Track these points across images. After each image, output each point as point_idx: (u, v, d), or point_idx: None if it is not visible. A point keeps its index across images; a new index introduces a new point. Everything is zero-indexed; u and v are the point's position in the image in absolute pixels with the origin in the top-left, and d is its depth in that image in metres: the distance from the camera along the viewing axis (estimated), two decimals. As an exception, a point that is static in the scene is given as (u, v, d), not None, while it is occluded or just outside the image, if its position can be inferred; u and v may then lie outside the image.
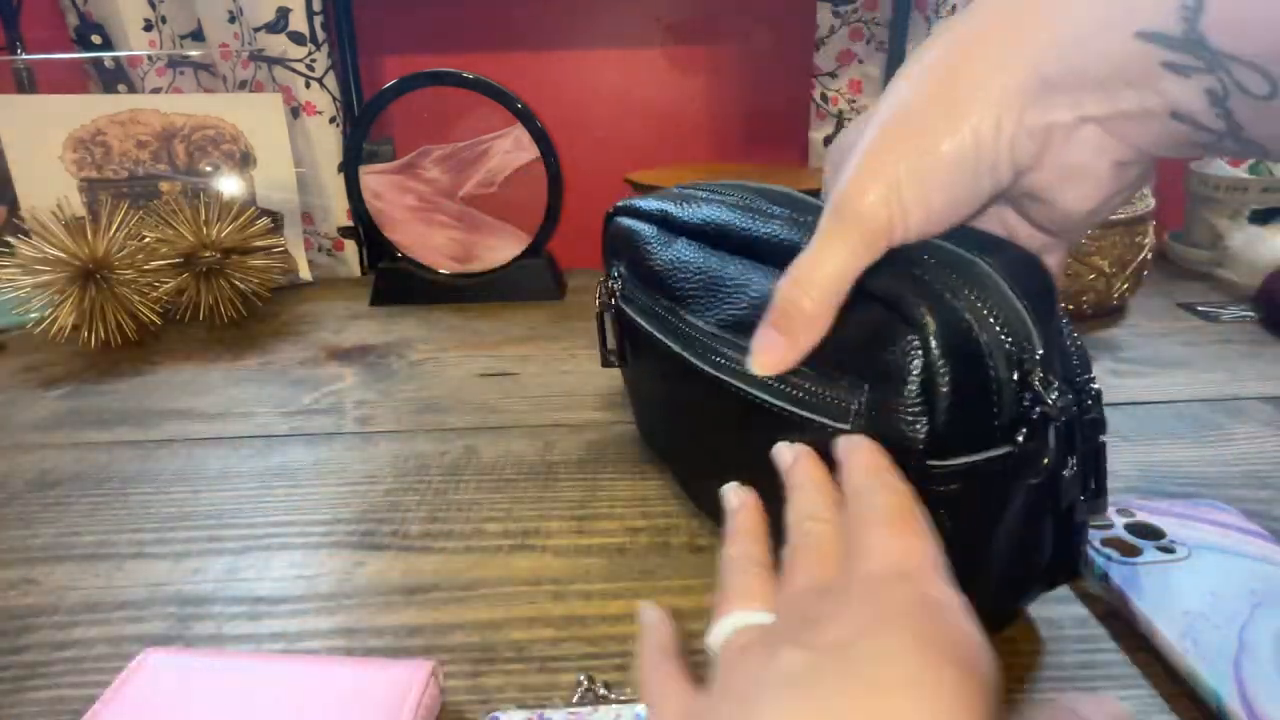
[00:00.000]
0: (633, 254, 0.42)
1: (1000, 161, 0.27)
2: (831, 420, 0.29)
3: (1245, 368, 0.60)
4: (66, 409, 0.59)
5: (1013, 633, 0.35)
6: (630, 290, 0.43)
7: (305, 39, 0.82)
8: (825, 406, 0.29)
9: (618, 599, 0.37)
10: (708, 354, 0.35)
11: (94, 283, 0.68)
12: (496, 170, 0.80)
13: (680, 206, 0.39)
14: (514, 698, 0.32)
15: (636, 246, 0.42)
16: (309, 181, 0.88)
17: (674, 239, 0.40)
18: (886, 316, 0.27)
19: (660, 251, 0.40)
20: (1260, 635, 0.32)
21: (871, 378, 0.28)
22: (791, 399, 0.30)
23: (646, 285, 0.41)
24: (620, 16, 0.94)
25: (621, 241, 0.44)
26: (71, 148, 0.79)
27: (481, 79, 0.75)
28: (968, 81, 0.27)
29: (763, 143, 0.99)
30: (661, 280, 0.39)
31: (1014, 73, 0.26)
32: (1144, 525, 0.39)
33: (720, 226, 0.36)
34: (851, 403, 0.28)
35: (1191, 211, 0.87)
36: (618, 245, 0.44)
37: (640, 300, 0.41)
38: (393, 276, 0.81)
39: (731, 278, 0.35)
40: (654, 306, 0.40)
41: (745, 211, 0.35)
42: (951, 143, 0.27)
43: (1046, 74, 0.26)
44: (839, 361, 0.29)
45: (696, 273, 0.37)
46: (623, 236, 0.44)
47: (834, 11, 0.88)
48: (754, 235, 0.34)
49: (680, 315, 0.38)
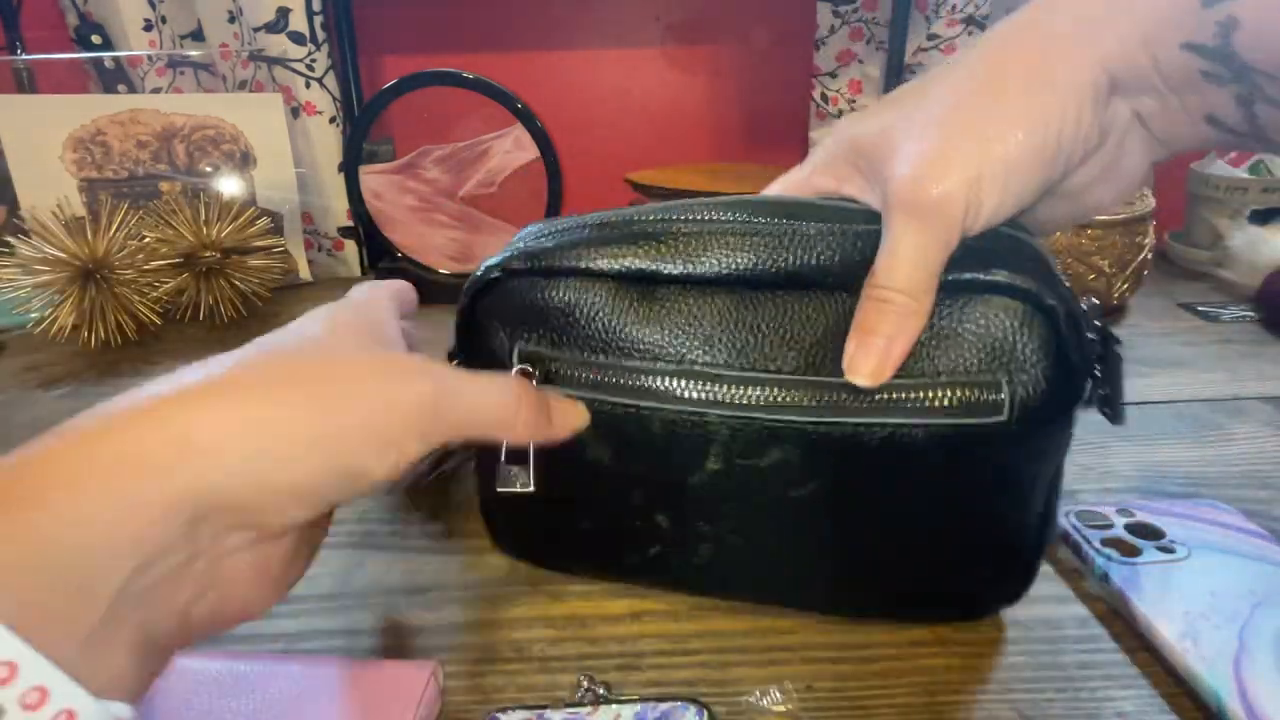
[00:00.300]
0: (577, 326, 0.31)
1: (1073, 154, 0.29)
2: (986, 418, 0.29)
3: (1245, 368, 0.60)
4: (66, 409, 0.58)
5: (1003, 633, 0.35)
6: (577, 372, 0.31)
7: (305, 39, 0.82)
8: (978, 407, 0.29)
9: (618, 599, 0.37)
10: (788, 408, 0.30)
11: (94, 283, 0.68)
12: (496, 170, 0.80)
13: (673, 259, 0.31)
14: (514, 698, 0.32)
15: (589, 316, 0.31)
16: (309, 181, 0.88)
17: (653, 292, 0.31)
18: (1010, 304, 0.29)
19: (641, 311, 0.31)
20: (1260, 635, 0.32)
21: (1010, 366, 0.29)
22: (944, 412, 0.29)
23: (620, 354, 0.31)
24: (620, 16, 0.94)
25: (546, 312, 0.32)
26: (71, 148, 0.79)
27: (481, 79, 0.75)
28: (1044, 77, 0.28)
29: (763, 143, 0.99)
30: (656, 345, 0.31)
31: (1089, 70, 0.28)
32: (1144, 525, 0.39)
33: (752, 269, 0.30)
34: (999, 394, 0.29)
35: (1192, 211, 0.87)
36: (529, 315, 0.32)
37: (604, 379, 0.31)
38: (393, 276, 0.81)
39: (792, 317, 0.30)
40: (638, 380, 0.31)
41: (773, 240, 0.30)
42: (1034, 134, 0.28)
43: (1115, 73, 0.28)
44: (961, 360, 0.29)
45: (720, 324, 0.31)
46: (555, 307, 0.32)
47: (834, 11, 0.88)
48: (802, 266, 0.30)
49: (705, 375, 0.30)
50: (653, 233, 0.31)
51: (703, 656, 0.34)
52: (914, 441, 0.29)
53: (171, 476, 0.20)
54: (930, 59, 0.86)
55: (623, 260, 0.31)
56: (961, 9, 0.83)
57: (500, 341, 0.32)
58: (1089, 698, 0.31)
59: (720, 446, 0.31)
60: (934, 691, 0.32)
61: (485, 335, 0.33)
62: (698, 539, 0.34)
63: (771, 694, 0.32)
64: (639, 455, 0.32)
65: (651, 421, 0.31)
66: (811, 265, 0.30)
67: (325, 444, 0.22)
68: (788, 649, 0.34)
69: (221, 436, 0.21)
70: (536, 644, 0.35)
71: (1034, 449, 0.31)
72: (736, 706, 0.31)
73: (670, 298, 0.31)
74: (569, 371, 0.31)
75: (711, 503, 0.33)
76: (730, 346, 0.30)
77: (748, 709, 0.31)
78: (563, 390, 0.32)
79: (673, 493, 0.33)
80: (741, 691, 0.32)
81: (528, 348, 0.32)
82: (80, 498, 0.19)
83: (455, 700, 0.32)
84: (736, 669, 0.33)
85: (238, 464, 0.21)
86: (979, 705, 0.31)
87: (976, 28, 0.84)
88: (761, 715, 0.31)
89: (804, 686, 0.32)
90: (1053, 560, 0.39)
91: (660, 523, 0.34)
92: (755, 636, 0.35)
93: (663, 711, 0.30)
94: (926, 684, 0.32)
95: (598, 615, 0.36)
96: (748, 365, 0.30)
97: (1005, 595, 0.34)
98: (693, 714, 0.30)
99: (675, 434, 0.31)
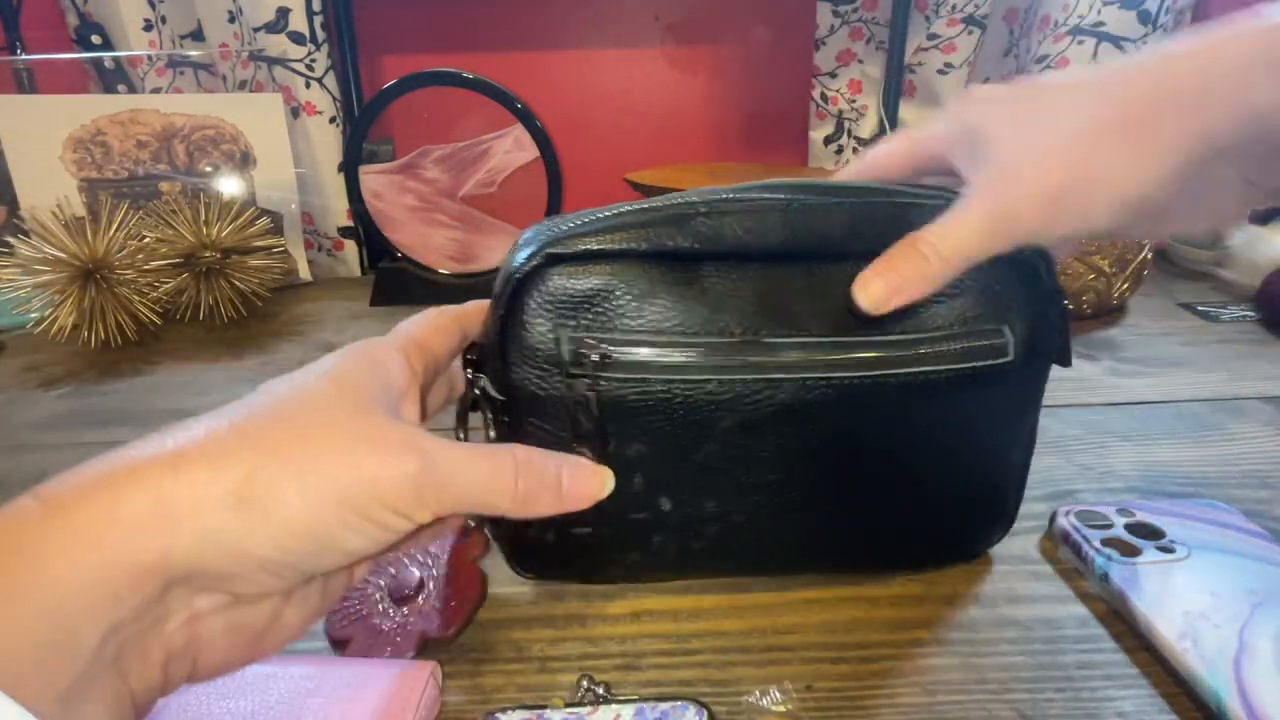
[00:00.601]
0: (621, 310, 0.32)
1: (1160, 209, 0.30)
2: (994, 359, 0.32)
3: (1245, 368, 0.60)
4: (66, 409, 0.59)
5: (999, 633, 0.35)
6: (625, 355, 0.31)
7: (305, 39, 0.82)
8: (986, 351, 0.32)
9: (617, 599, 0.37)
10: (833, 365, 0.32)
11: (94, 283, 0.68)
12: (496, 170, 0.80)
13: (710, 238, 0.31)
14: (514, 698, 0.32)
15: (633, 298, 0.32)
16: (309, 181, 0.88)
17: (694, 268, 0.32)
18: (1009, 258, 0.31)
19: (683, 289, 0.32)
20: (1260, 635, 0.32)
21: (1017, 311, 0.33)
22: (960, 356, 0.32)
23: (671, 332, 0.32)
24: (620, 16, 0.94)
25: (590, 298, 0.32)
26: (71, 148, 0.79)
27: (481, 79, 0.75)
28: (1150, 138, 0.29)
29: (763, 143, 0.99)
30: (707, 320, 0.32)
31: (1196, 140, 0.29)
32: (1144, 525, 0.39)
33: (784, 242, 0.32)
34: (1003, 338, 0.32)
35: (1192, 211, 0.86)
36: (571, 302, 0.32)
37: (660, 356, 0.31)
38: (393, 276, 0.81)
39: (810, 281, 0.32)
40: (696, 355, 0.31)
41: (802, 214, 0.32)
42: (1143, 178, 0.29)
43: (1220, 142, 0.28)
44: (970, 312, 0.32)
45: (760, 296, 0.32)
46: (597, 292, 0.32)
47: (834, 11, 0.88)
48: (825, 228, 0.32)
49: (762, 344, 0.32)
50: (685, 213, 0.32)
51: (703, 656, 0.34)
52: (934, 386, 0.32)
53: (147, 541, 0.20)
54: (930, 58, 0.86)
55: (663, 241, 0.31)
56: (961, 8, 0.83)
57: (544, 331, 0.32)
58: (1089, 698, 0.31)
59: (759, 412, 0.32)
60: (934, 691, 0.32)
61: (528, 326, 0.32)
62: (706, 518, 0.35)
63: (771, 694, 0.32)
64: (670, 434, 0.33)
65: (711, 395, 0.32)
66: (838, 237, 0.32)
67: (299, 519, 0.22)
68: (788, 649, 0.34)
69: (196, 504, 0.21)
70: (536, 644, 0.35)
71: (1030, 389, 0.35)
72: (736, 706, 0.31)
73: (709, 276, 0.32)
74: (621, 356, 0.31)
75: (736, 472, 0.34)
76: (771, 316, 0.32)
77: (747, 709, 0.31)
78: (618, 376, 0.31)
79: (686, 469, 0.33)
80: (741, 691, 0.32)
81: (575, 334, 0.31)
82: (59, 559, 0.19)
83: (455, 700, 0.32)
84: (736, 669, 0.33)
85: (211, 533, 0.21)
86: (979, 705, 0.31)
87: (977, 27, 0.84)
88: (761, 715, 0.31)
89: (804, 686, 0.32)
90: (1053, 560, 0.39)
91: (662, 505, 0.34)
92: (755, 636, 0.35)
93: (662, 711, 0.30)
94: (926, 684, 0.32)
95: (597, 615, 0.36)
96: (787, 332, 0.32)
97: (994, 536, 0.39)
98: (692, 714, 0.30)
99: (733, 404, 0.32)
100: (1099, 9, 0.80)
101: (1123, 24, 0.80)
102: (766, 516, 0.35)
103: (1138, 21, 0.80)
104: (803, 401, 0.32)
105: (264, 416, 0.24)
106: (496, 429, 0.34)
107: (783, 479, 0.34)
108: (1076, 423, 0.52)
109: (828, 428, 0.33)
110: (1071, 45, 0.81)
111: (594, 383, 0.31)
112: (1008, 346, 0.32)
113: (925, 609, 0.36)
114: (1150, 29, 0.80)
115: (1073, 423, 0.52)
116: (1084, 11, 0.80)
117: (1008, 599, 0.37)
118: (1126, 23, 0.80)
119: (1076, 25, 0.81)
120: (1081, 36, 0.81)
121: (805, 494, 0.35)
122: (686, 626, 0.36)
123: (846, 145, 0.94)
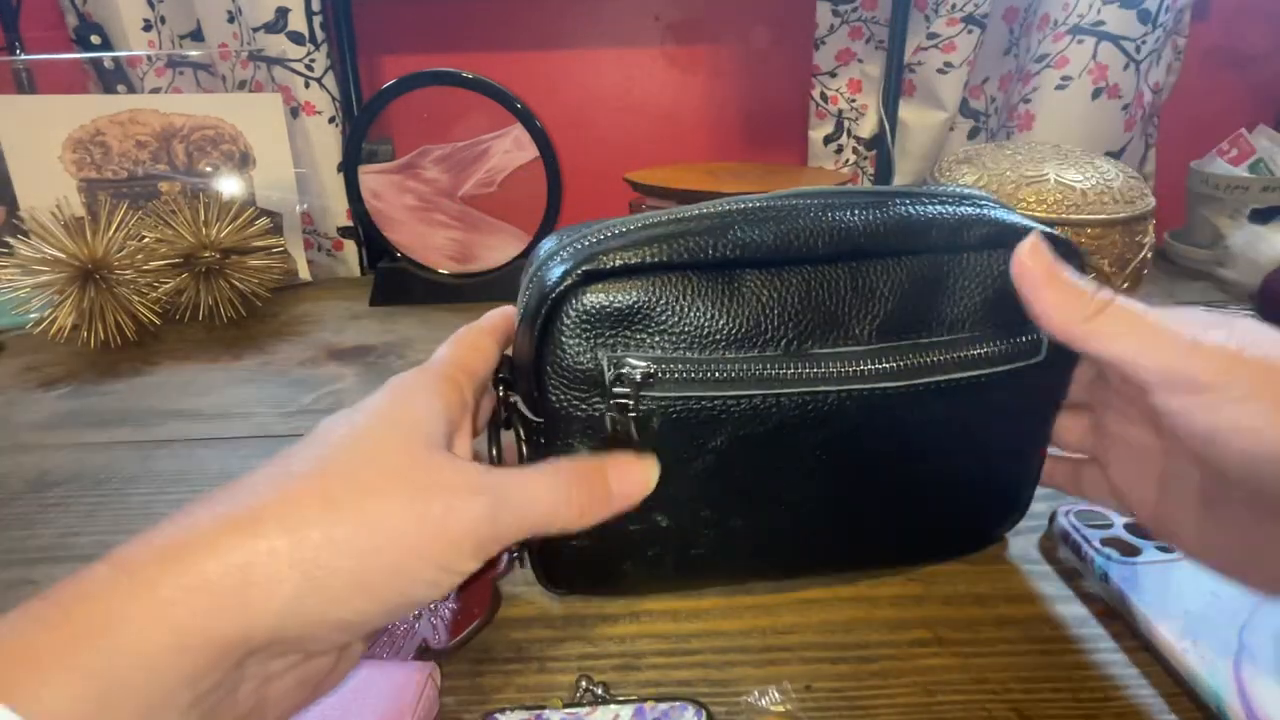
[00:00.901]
0: (664, 325, 0.31)
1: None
2: (1026, 360, 0.33)
3: (1245, 367, 0.60)
4: (66, 409, 0.59)
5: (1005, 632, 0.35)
6: (668, 371, 0.31)
7: (304, 39, 0.82)
8: (1017, 352, 0.33)
9: (617, 599, 0.37)
10: (871, 376, 0.32)
11: (93, 283, 0.68)
12: (496, 170, 0.80)
13: (746, 245, 0.31)
14: (513, 698, 0.32)
15: (676, 313, 0.30)
16: (308, 181, 0.88)
17: (734, 278, 0.31)
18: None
19: (724, 300, 0.31)
20: (1260, 635, 0.32)
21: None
22: (988, 361, 0.33)
23: (715, 347, 0.31)
24: (620, 16, 0.94)
25: (630, 315, 0.30)
26: (71, 148, 0.79)
27: (481, 79, 0.75)
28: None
29: (762, 142, 0.99)
30: (751, 333, 0.31)
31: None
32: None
33: (822, 245, 0.31)
34: (1038, 335, 0.33)
35: (1192, 210, 0.87)
36: (605, 325, 0.30)
37: (700, 374, 0.31)
38: (392, 276, 0.81)
39: (855, 290, 0.32)
40: (741, 370, 0.31)
41: (827, 216, 0.31)
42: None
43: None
44: (1007, 310, 0.32)
45: (807, 302, 0.31)
46: (638, 309, 0.30)
47: (833, 10, 0.88)
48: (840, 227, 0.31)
49: (807, 355, 0.31)
50: (721, 223, 0.31)
51: (701, 656, 0.34)
52: (972, 387, 0.33)
53: (229, 616, 0.20)
54: (930, 58, 0.86)
55: (700, 250, 0.30)
56: (961, 7, 0.83)
57: (581, 351, 0.30)
58: (1089, 698, 0.31)
59: (815, 420, 0.32)
60: (934, 691, 0.32)
61: (565, 347, 0.30)
62: (741, 527, 0.35)
63: (770, 694, 0.31)
64: (720, 448, 0.32)
65: (754, 409, 0.32)
66: (876, 234, 0.31)
67: (377, 582, 0.22)
68: (787, 649, 0.34)
69: (277, 577, 0.21)
70: (535, 644, 0.35)
71: (1057, 383, 0.35)
72: (735, 706, 0.31)
73: (752, 284, 0.31)
74: (663, 373, 0.30)
75: (793, 480, 0.34)
76: (820, 323, 0.32)
77: (746, 709, 0.31)
78: (660, 394, 0.31)
79: (723, 481, 0.33)
80: (740, 691, 0.32)
81: (614, 354, 0.30)
82: (142, 634, 0.19)
83: (453, 700, 0.32)
84: (735, 669, 0.33)
85: (291, 602, 0.21)
86: (979, 705, 0.31)
87: (976, 26, 0.84)
88: (760, 715, 0.31)
89: (803, 686, 0.32)
90: (1053, 560, 0.39)
91: (702, 514, 0.34)
92: (754, 636, 0.35)
93: (661, 711, 0.30)
94: (926, 684, 0.32)
95: (596, 615, 0.36)
96: (839, 340, 0.32)
97: (1008, 523, 0.40)
98: (691, 714, 0.30)
99: (778, 418, 0.32)
100: (1099, 8, 0.79)
101: (1123, 23, 0.80)
102: (801, 521, 0.35)
103: (1138, 21, 0.80)
104: (844, 410, 0.32)
105: (332, 470, 0.23)
106: (530, 449, 0.33)
107: (817, 485, 0.34)
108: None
109: (867, 434, 0.33)
110: (1071, 44, 0.81)
111: (636, 402, 0.30)
112: (1040, 345, 0.33)
113: (925, 609, 0.36)
114: (1150, 28, 0.80)
115: (1073, 422, 0.52)
116: (1084, 10, 0.80)
117: (1007, 599, 0.37)
118: (1126, 22, 0.80)
119: (1076, 24, 0.81)
120: (1081, 36, 0.81)
121: (838, 496, 0.35)
122: (685, 626, 0.36)
123: (846, 145, 0.94)
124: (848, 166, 0.95)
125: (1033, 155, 0.71)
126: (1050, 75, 0.83)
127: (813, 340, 0.31)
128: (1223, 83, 0.96)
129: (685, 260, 0.30)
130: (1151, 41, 0.81)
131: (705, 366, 0.31)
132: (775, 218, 0.31)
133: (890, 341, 0.32)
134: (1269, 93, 0.96)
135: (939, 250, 0.32)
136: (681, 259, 0.30)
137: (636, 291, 0.30)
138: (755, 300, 0.31)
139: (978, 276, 0.32)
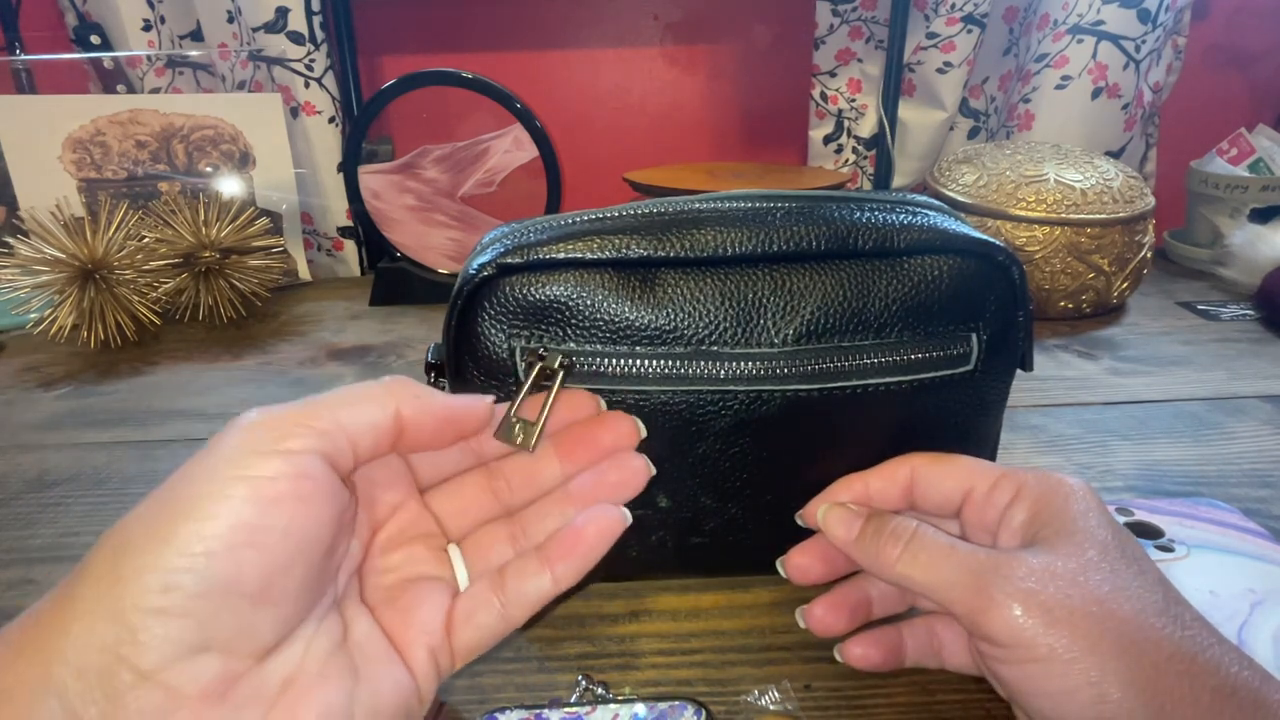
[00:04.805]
0: (580, 318, 0.32)
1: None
2: (953, 369, 0.33)
3: (1245, 367, 0.60)
4: (66, 409, 0.59)
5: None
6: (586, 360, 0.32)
7: (304, 39, 0.82)
8: (946, 360, 0.33)
9: (617, 599, 0.37)
10: (786, 378, 0.32)
11: (93, 283, 0.68)
12: (496, 170, 0.80)
13: (670, 244, 0.31)
14: (512, 697, 0.32)
15: (592, 306, 0.31)
16: (308, 181, 0.88)
17: (655, 277, 0.32)
18: (973, 264, 0.33)
19: (640, 298, 0.32)
20: (1260, 635, 0.32)
21: (983, 318, 0.33)
22: (914, 367, 0.33)
23: (628, 342, 0.32)
24: (619, 16, 0.94)
25: (546, 307, 0.31)
26: (71, 148, 0.79)
27: (481, 79, 0.75)
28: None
29: (762, 142, 0.99)
30: (663, 330, 0.32)
31: None
32: (1143, 524, 0.39)
33: (746, 246, 0.32)
34: (968, 346, 0.33)
35: (1192, 210, 0.87)
36: (527, 312, 0.31)
37: (610, 368, 0.32)
38: (392, 276, 0.81)
39: (788, 290, 0.32)
40: (648, 366, 0.32)
41: (760, 217, 0.32)
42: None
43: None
44: (937, 317, 0.32)
45: (723, 303, 0.32)
46: (555, 302, 0.31)
47: (833, 10, 0.88)
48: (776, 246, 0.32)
49: (715, 355, 0.32)
50: (647, 222, 0.32)
51: (701, 656, 0.34)
52: (892, 395, 0.33)
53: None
54: (929, 57, 0.86)
55: (622, 248, 0.31)
56: (960, 7, 0.83)
57: (498, 342, 0.32)
58: (1088, 697, 0.31)
59: (729, 419, 0.33)
60: (933, 691, 0.32)
61: (480, 338, 0.32)
62: (702, 517, 0.35)
63: (770, 693, 0.32)
64: (655, 442, 0.31)
65: (665, 405, 0.32)
66: (798, 238, 0.32)
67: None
68: (786, 648, 0.34)
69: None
70: (535, 643, 0.35)
71: (993, 393, 0.35)
72: (735, 706, 0.31)
73: (670, 282, 0.32)
74: (579, 364, 0.31)
75: (717, 477, 0.34)
76: (734, 324, 0.32)
77: (746, 708, 0.31)
78: (575, 386, 0.31)
79: (676, 473, 0.34)
80: (740, 691, 0.32)
81: (529, 345, 0.32)
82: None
83: (453, 700, 0.32)
84: (735, 668, 0.33)
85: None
86: (978, 705, 0.31)
87: (976, 26, 0.84)
88: (760, 714, 0.31)
89: (802, 686, 0.32)
90: (1052, 559, 0.39)
91: (661, 503, 0.35)
92: (754, 636, 0.35)
93: (661, 711, 0.30)
94: (925, 684, 0.32)
95: (596, 614, 0.36)
96: (753, 341, 0.32)
97: None
98: (691, 713, 0.30)
99: (687, 415, 0.32)
100: (1098, 7, 0.80)
101: (1122, 22, 0.80)
102: (729, 517, 0.35)
103: (1137, 20, 0.80)
104: (755, 412, 0.32)
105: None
106: None
107: (742, 482, 0.34)
108: (1075, 422, 0.52)
109: (782, 437, 0.33)
110: (1071, 44, 0.81)
111: (547, 394, 0.30)
112: (970, 356, 0.33)
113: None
114: (1150, 28, 0.80)
115: (1072, 422, 0.52)
116: (1083, 10, 0.80)
117: (1007, 598, 0.37)
118: (1126, 21, 0.80)
119: (1076, 24, 0.81)
120: (1081, 35, 0.81)
121: (765, 496, 0.35)
122: (685, 626, 0.36)
123: (846, 144, 0.94)
124: (847, 166, 0.95)
125: (1033, 155, 0.71)
126: (1050, 75, 0.83)
127: (724, 340, 0.32)
128: (1223, 82, 0.96)
129: (604, 258, 0.31)
130: (1151, 41, 0.81)
131: (616, 361, 0.32)
132: (699, 219, 0.32)
133: (810, 344, 0.32)
134: (1269, 92, 0.96)
135: (866, 255, 0.32)
136: (600, 256, 0.31)
137: (555, 285, 0.31)
138: (670, 299, 0.32)
139: (909, 282, 0.32)
